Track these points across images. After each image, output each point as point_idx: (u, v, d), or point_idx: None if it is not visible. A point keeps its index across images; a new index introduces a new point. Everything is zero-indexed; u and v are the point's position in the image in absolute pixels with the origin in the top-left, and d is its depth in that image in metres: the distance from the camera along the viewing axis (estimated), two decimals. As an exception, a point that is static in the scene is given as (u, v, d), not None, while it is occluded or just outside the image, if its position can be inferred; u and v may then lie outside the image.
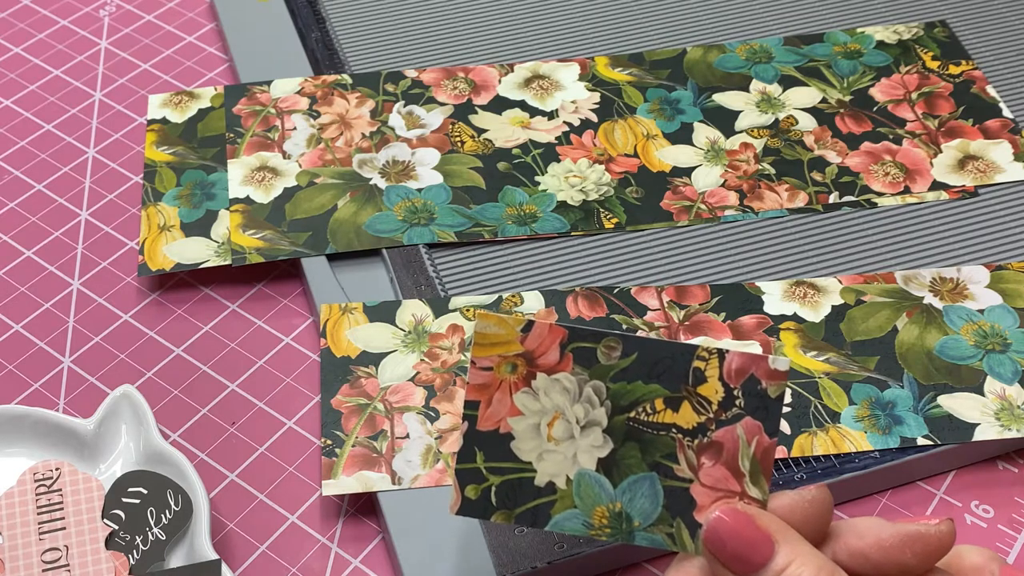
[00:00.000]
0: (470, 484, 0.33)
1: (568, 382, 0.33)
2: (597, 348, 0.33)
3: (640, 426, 0.33)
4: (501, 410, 0.33)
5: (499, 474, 0.33)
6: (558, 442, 0.33)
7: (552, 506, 0.33)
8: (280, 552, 0.42)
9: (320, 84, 0.57)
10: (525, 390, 0.33)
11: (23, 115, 0.59)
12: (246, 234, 0.50)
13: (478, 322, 0.33)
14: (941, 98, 0.56)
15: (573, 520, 0.33)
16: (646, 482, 0.33)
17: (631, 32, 0.61)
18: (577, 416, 0.33)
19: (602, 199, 0.52)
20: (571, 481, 0.33)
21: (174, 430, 0.45)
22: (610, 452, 0.33)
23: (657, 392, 0.33)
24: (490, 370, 0.33)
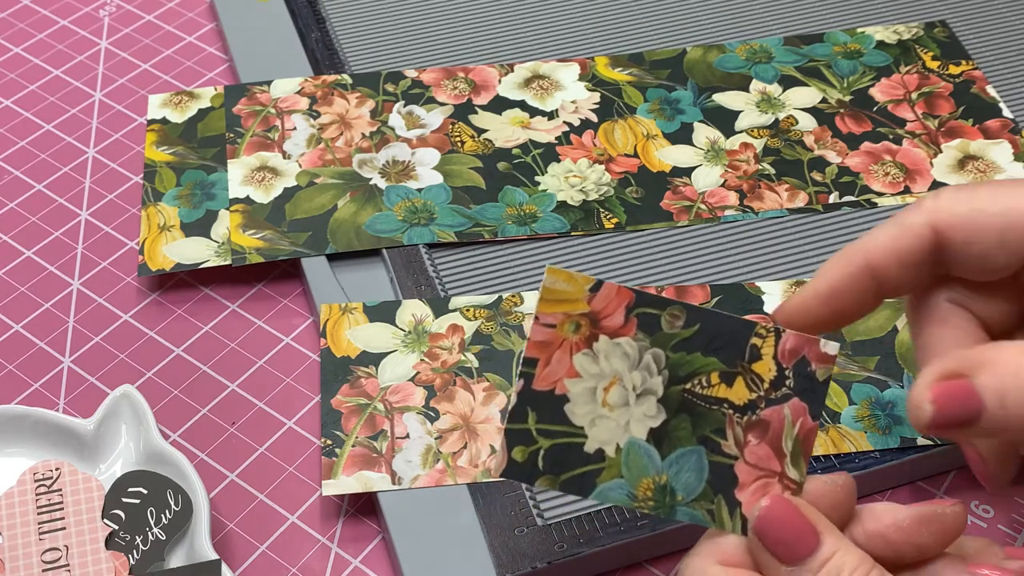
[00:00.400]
0: (518, 446, 0.32)
1: (629, 347, 0.32)
2: (662, 315, 0.32)
3: (694, 398, 0.33)
4: (559, 370, 0.32)
5: (549, 437, 0.32)
6: (612, 408, 0.32)
7: (599, 474, 0.32)
8: (280, 552, 0.42)
9: (320, 84, 0.57)
10: (585, 352, 0.32)
11: (23, 115, 0.59)
12: (246, 234, 0.50)
13: (548, 277, 0.32)
14: (941, 98, 0.56)
15: (618, 490, 0.32)
16: (693, 456, 0.33)
17: (631, 32, 0.61)
18: (634, 383, 0.32)
19: (602, 199, 0.52)
20: (620, 450, 0.32)
21: (174, 430, 0.45)
22: (662, 423, 0.32)
23: (714, 366, 0.33)
24: (553, 327, 0.32)
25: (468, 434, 0.43)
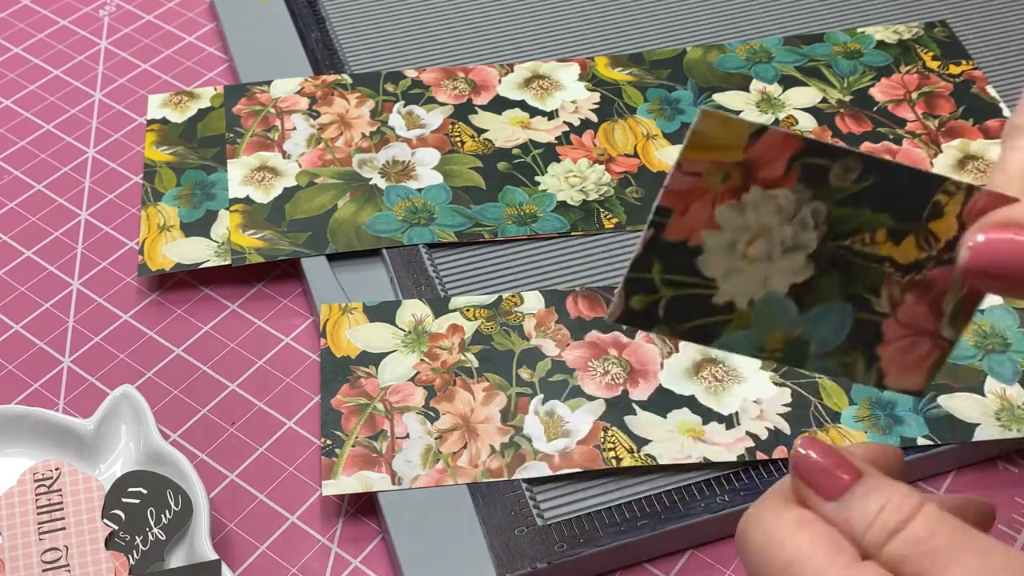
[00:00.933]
0: (638, 295, 0.29)
1: (785, 200, 0.29)
2: (832, 167, 0.29)
3: (852, 255, 0.30)
4: (696, 221, 0.29)
5: (674, 287, 0.29)
6: (752, 261, 0.29)
7: (725, 325, 0.30)
8: (280, 552, 0.42)
9: (320, 84, 0.57)
10: (731, 203, 0.29)
11: (23, 115, 0.59)
12: (246, 234, 0.50)
13: (700, 120, 0.28)
14: (941, 98, 0.56)
15: (744, 341, 0.30)
16: (836, 313, 0.30)
17: (631, 32, 0.61)
18: (784, 238, 0.29)
19: (602, 199, 0.52)
20: (753, 303, 0.30)
21: (174, 430, 0.45)
22: (808, 279, 0.30)
23: (883, 222, 0.30)
24: (697, 175, 0.29)
25: (468, 434, 0.43)
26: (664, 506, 0.41)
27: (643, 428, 0.43)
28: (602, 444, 0.42)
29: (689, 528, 0.41)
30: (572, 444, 0.43)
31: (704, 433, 0.43)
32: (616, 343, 0.46)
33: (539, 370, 0.45)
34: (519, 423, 0.43)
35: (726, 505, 0.41)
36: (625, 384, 0.44)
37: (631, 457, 0.42)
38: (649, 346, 0.46)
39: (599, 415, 0.43)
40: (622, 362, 0.45)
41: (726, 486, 0.42)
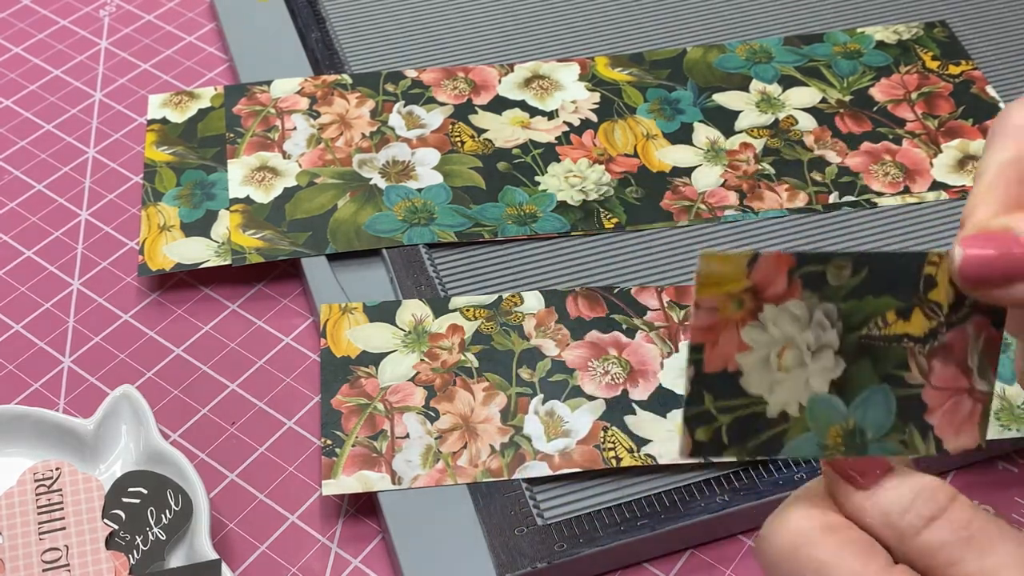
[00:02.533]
0: (700, 427, 0.31)
1: (798, 309, 0.31)
2: (826, 269, 0.31)
3: (872, 341, 0.32)
4: (729, 349, 0.31)
5: (729, 412, 0.31)
6: (789, 370, 0.31)
7: (785, 434, 0.31)
8: (280, 552, 0.42)
9: (320, 84, 0.57)
10: (752, 323, 0.31)
11: (23, 115, 0.59)
12: (246, 234, 0.50)
13: (702, 263, 0.30)
14: (941, 98, 0.56)
15: (807, 443, 0.31)
16: (879, 395, 0.32)
17: (631, 32, 0.61)
18: (808, 342, 0.31)
19: (602, 199, 0.52)
20: (804, 408, 0.31)
21: (174, 430, 0.45)
22: (843, 372, 0.31)
23: (888, 304, 0.32)
24: (715, 310, 0.31)
25: (468, 434, 0.43)
26: (664, 506, 0.41)
27: (643, 428, 0.43)
28: (602, 444, 0.42)
29: (689, 528, 0.41)
30: (572, 444, 0.43)
31: (704, 433, 0.43)
32: (616, 343, 0.46)
33: (539, 370, 0.45)
34: (519, 423, 0.43)
35: (726, 505, 0.41)
36: (625, 384, 0.44)
37: (631, 457, 0.42)
38: (649, 346, 0.46)
39: (599, 415, 0.43)
40: (622, 362, 0.45)
41: (726, 486, 0.42)
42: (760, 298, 0.31)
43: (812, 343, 0.32)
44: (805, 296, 0.31)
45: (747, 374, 0.31)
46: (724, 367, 0.31)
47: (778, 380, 0.31)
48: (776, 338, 0.31)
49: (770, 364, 0.31)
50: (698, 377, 0.31)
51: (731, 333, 0.31)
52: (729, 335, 0.31)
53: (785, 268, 0.31)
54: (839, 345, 0.32)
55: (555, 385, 0.44)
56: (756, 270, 0.31)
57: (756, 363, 0.31)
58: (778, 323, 0.31)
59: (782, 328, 0.31)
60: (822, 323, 0.32)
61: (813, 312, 0.31)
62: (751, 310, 0.31)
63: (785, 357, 0.31)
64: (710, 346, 0.31)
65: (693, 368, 0.31)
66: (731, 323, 0.31)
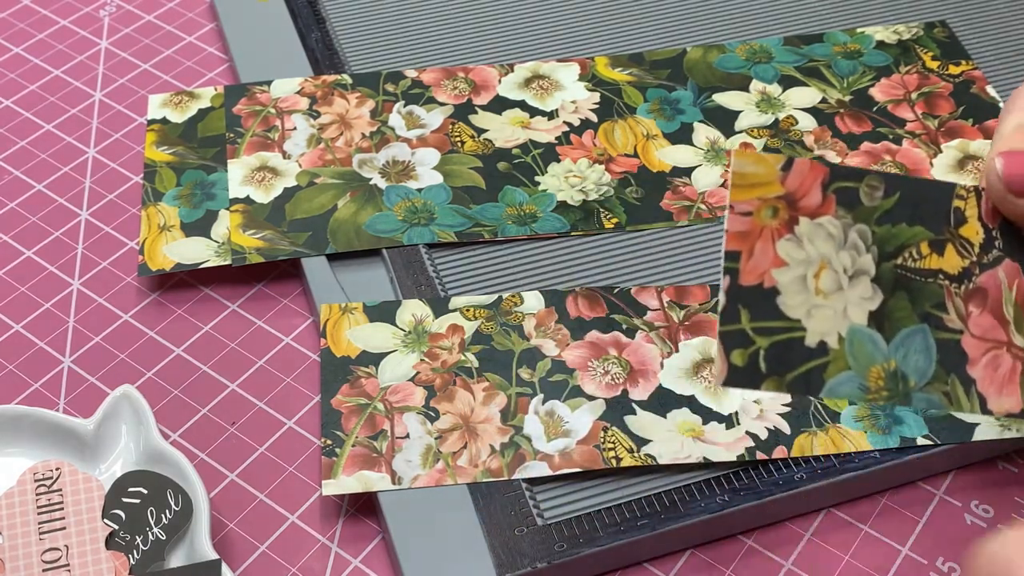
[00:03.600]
0: (736, 349, 0.30)
1: (832, 227, 0.31)
2: (860, 187, 0.31)
3: (908, 273, 0.31)
4: (764, 261, 0.30)
5: (767, 335, 0.30)
6: (827, 295, 0.31)
7: (825, 369, 0.30)
8: (280, 552, 0.42)
9: (320, 84, 0.57)
10: (788, 237, 0.30)
11: (23, 115, 0.59)
12: (246, 234, 0.50)
13: (735, 160, 0.30)
14: (941, 98, 0.56)
15: (848, 384, 0.31)
16: (918, 336, 0.31)
17: (631, 32, 0.61)
18: (844, 265, 0.31)
19: (602, 199, 0.52)
20: (843, 339, 0.30)
21: (174, 430, 0.45)
22: (880, 304, 0.31)
23: (921, 235, 0.31)
24: (750, 215, 0.30)
25: (468, 434, 0.43)
26: (664, 506, 0.41)
27: (643, 428, 0.43)
28: (602, 444, 0.43)
29: (689, 528, 0.41)
30: (572, 444, 0.43)
31: (704, 433, 0.43)
32: (616, 343, 0.46)
33: (539, 370, 0.45)
34: (519, 423, 0.43)
35: (726, 505, 0.41)
36: (625, 384, 0.44)
37: (631, 457, 0.42)
38: (649, 346, 0.46)
39: (599, 415, 0.43)
40: (622, 362, 0.45)
41: (726, 486, 0.42)
42: (795, 208, 0.30)
43: (848, 266, 0.31)
44: (839, 214, 0.31)
45: (785, 293, 0.30)
46: (760, 281, 0.30)
47: (816, 304, 0.30)
48: (812, 256, 0.31)
49: (807, 285, 0.30)
50: (734, 289, 0.30)
51: (766, 244, 0.30)
52: (764, 246, 0.30)
53: (819, 179, 0.30)
54: (875, 272, 0.31)
55: (555, 385, 0.44)
56: (790, 176, 0.30)
57: (793, 282, 0.30)
58: (813, 240, 0.31)
59: (817, 246, 0.31)
60: (857, 245, 0.31)
61: (848, 232, 0.31)
62: (786, 221, 0.30)
63: (822, 279, 0.31)
64: (746, 256, 0.30)
65: (729, 278, 0.30)
66: (766, 232, 0.30)
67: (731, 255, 0.30)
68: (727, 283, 0.30)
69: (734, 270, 0.30)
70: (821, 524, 0.42)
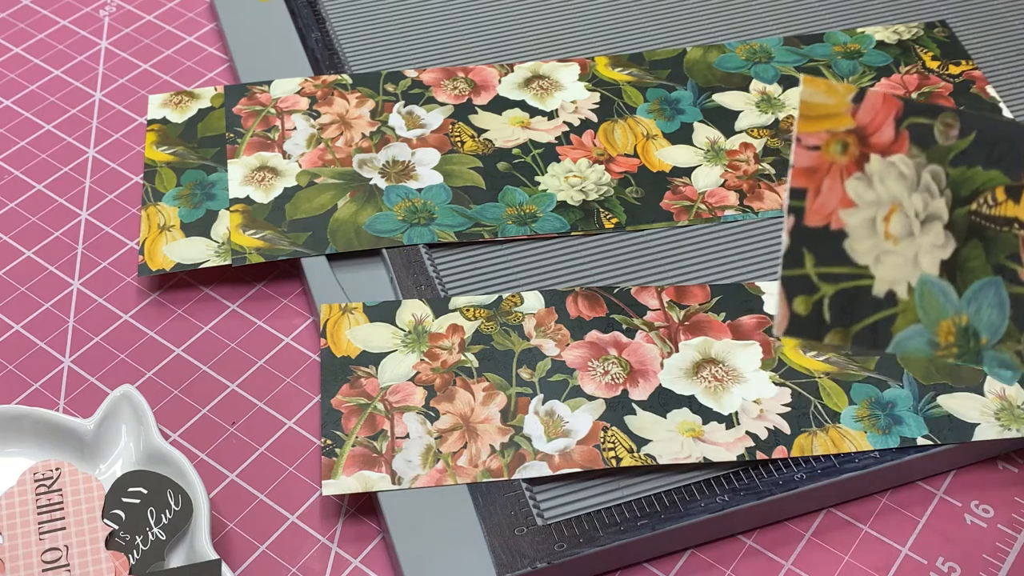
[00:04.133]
0: (799, 295, 0.28)
1: (905, 166, 0.29)
2: (934, 125, 0.29)
3: (982, 220, 0.29)
4: (831, 200, 0.28)
5: (832, 281, 0.28)
6: (896, 241, 0.29)
7: (893, 322, 0.28)
8: (280, 552, 0.42)
9: (320, 84, 0.57)
10: (858, 175, 0.28)
11: (23, 115, 0.59)
12: (246, 234, 0.50)
13: (805, 88, 0.28)
14: (941, 98, 0.56)
15: (917, 339, 0.29)
16: (991, 289, 0.29)
17: (631, 32, 0.61)
18: (916, 208, 0.29)
19: (602, 199, 0.52)
20: (913, 290, 0.29)
21: (174, 430, 0.45)
22: (953, 253, 0.29)
23: (997, 180, 0.29)
24: (818, 149, 0.28)
25: (468, 434, 0.43)
26: (664, 506, 0.41)
27: (643, 428, 0.43)
28: (602, 444, 0.43)
29: (689, 528, 0.41)
30: (572, 444, 0.43)
31: (704, 433, 0.43)
32: (616, 343, 0.46)
33: (539, 370, 0.45)
34: (519, 423, 0.43)
35: (726, 505, 0.41)
36: (625, 384, 0.44)
37: (631, 457, 0.42)
38: (649, 346, 0.46)
39: (599, 415, 0.43)
40: (622, 362, 0.45)
41: (726, 486, 0.42)
42: (866, 145, 0.28)
43: (920, 210, 0.29)
44: (912, 152, 0.29)
45: (853, 236, 0.28)
46: (827, 223, 0.28)
47: (885, 250, 0.29)
48: (882, 197, 0.29)
49: (876, 228, 0.29)
50: (799, 230, 0.28)
51: (835, 182, 0.28)
52: (832, 184, 0.28)
53: (892, 113, 0.29)
54: (948, 218, 0.29)
55: (555, 385, 0.44)
56: (862, 110, 0.28)
57: (862, 224, 0.28)
58: (884, 180, 0.29)
59: (888, 186, 0.29)
60: (929, 187, 0.29)
61: (920, 173, 0.29)
62: (856, 158, 0.28)
63: (892, 223, 0.29)
64: (812, 194, 0.28)
65: (793, 218, 0.28)
66: (835, 169, 0.28)
67: (796, 192, 0.28)
68: (791, 223, 0.28)
69: (799, 209, 0.28)
70: (821, 524, 0.42)
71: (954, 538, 0.42)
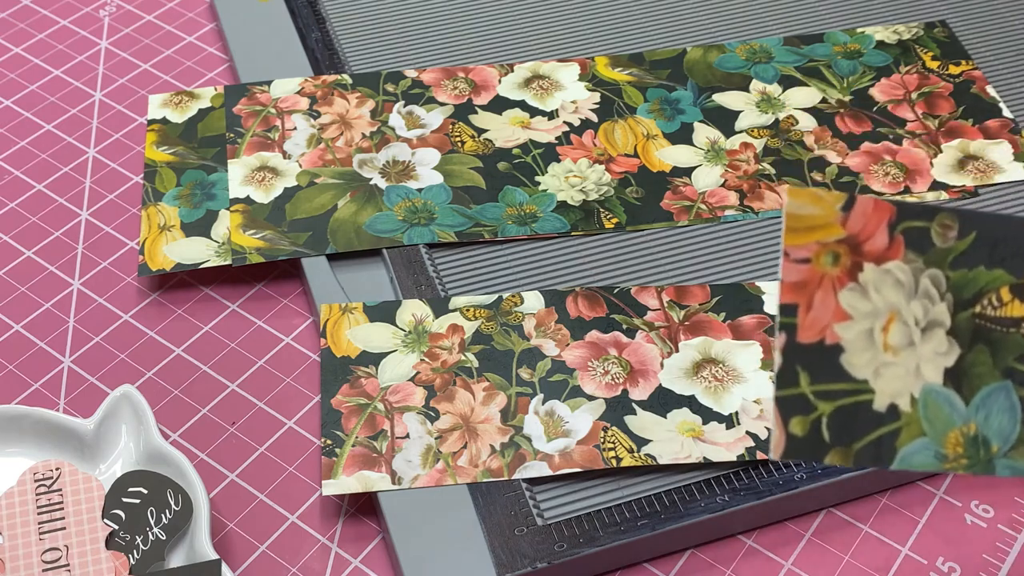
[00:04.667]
0: (795, 416, 0.27)
1: (901, 273, 0.27)
2: (931, 227, 0.28)
3: (987, 323, 0.28)
4: (825, 314, 0.27)
5: (830, 399, 0.27)
6: (896, 351, 0.27)
7: (897, 436, 0.27)
8: (280, 552, 0.42)
9: (320, 84, 0.57)
10: (851, 286, 0.27)
11: (23, 115, 0.59)
12: (246, 234, 0.50)
13: (789, 201, 0.27)
14: (941, 98, 0.56)
15: (923, 452, 0.27)
16: (1001, 394, 0.28)
17: (631, 32, 0.61)
18: (916, 315, 0.28)
19: (602, 199, 0.52)
20: (916, 401, 0.27)
21: (174, 430, 0.45)
22: (957, 359, 0.28)
23: (1002, 279, 0.28)
24: (808, 262, 0.27)
25: (468, 434, 0.43)
26: (664, 506, 0.41)
27: (643, 428, 0.43)
28: (602, 444, 0.43)
29: (689, 528, 0.41)
30: (572, 444, 0.43)
31: (704, 433, 0.43)
32: (616, 343, 0.46)
33: (539, 370, 0.45)
34: (519, 423, 0.43)
35: (726, 505, 0.41)
36: (625, 384, 0.44)
37: (631, 457, 0.42)
38: (649, 346, 0.46)
39: (599, 415, 0.43)
40: (622, 362, 0.45)
41: (726, 486, 0.42)
42: (859, 254, 0.27)
43: (920, 317, 0.28)
44: (909, 257, 0.28)
45: (849, 350, 0.27)
46: (821, 337, 0.27)
47: (885, 362, 0.27)
48: (879, 307, 0.27)
49: (874, 340, 0.27)
50: (791, 348, 0.27)
51: (827, 295, 0.27)
52: (825, 297, 0.27)
53: (885, 219, 0.27)
54: (950, 323, 0.28)
55: (555, 385, 0.44)
56: (852, 217, 0.27)
57: (858, 337, 0.27)
58: (880, 289, 0.27)
59: (885, 295, 0.27)
60: (929, 293, 0.28)
61: (919, 279, 0.28)
62: (848, 268, 0.27)
63: (891, 333, 0.27)
64: (804, 309, 0.27)
65: (785, 335, 0.27)
66: (827, 281, 0.27)
67: (787, 308, 0.27)
68: (783, 341, 0.27)
69: (791, 326, 0.27)
70: (821, 524, 0.42)
71: (954, 538, 0.42)
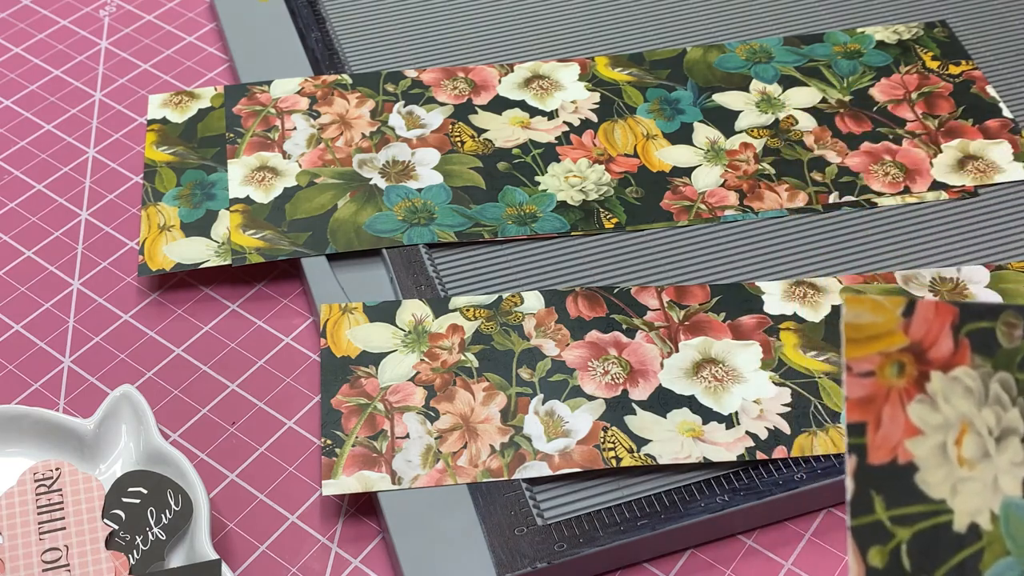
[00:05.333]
0: (873, 546, 0.25)
1: (970, 379, 0.26)
2: (996, 327, 0.26)
3: None
4: (895, 431, 0.25)
5: (907, 524, 0.25)
6: (972, 465, 0.26)
7: (980, 558, 0.26)
8: (280, 552, 0.42)
9: (320, 84, 0.57)
10: (920, 397, 0.26)
11: (23, 115, 0.59)
12: (246, 234, 0.50)
13: (847, 311, 0.25)
14: (941, 98, 0.56)
15: (1010, 573, 0.26)
16: None
17: (631, 32, 0.61)
18: (989, 424, 0.26)
19: (602, 199, 0.52)
20: (997, 518, 0.26)
21: (174, 430, 0.45)
22: None
23: None
24: (872, 375, 0.25)
25: (468, 434, 0.43)
26: (664, 506, 0.41)
27: (643, 428, 0.43)
28: (602, 444, 0.43)
29: (689, 528, 0.41)
30: (572, 444, 0.43)
31: (704, 433, 0.43)
32: (616, 343, 0.46)
33: (539, 370, 0.45)
34: (519, 423, 0.43)
35: (726, 505, 0.41)
36: (625, 384, 0.44)
37: (631, 457, 0.42)
38: (649, 346, 0.46)
39: (599, 415, 0.43)
40: (622, 362, 0.45)
41: (726, 486, 0.42)
42: (924, 362, 0.26)
43: (993, 426, 0.26)
44: (976, 362, 0.26)
45: (923, 468, 0.25)
46: (893, 456, 0.25)
47: (961, 477, 0.26)
48: (951, 419, 0.26)
49: (948, 455, 0.26)
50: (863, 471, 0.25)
51: (896, 410, 0.25)
52: (894, 412, 0.25)
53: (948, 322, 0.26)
54: None
55: (555, 385, 0.44)
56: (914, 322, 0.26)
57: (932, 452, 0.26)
58: (950, 398, 0.26)
59: (955, 405, 0.26)
60: (1000, 399, 0.26)
61: (988, 384, 0.26)
62: (915, 378, 0.26)
63: (965, 445, 0.26)
64: (872, 427, 0.25)
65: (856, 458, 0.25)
66: (894, 395, 0.25)
67: (855, 428, 0.25)
68: (853, 465, 0.25)
69: (860, 447, 0.25)
70: (821, 524, 0.42)
71: (954, 538, 0.42)
